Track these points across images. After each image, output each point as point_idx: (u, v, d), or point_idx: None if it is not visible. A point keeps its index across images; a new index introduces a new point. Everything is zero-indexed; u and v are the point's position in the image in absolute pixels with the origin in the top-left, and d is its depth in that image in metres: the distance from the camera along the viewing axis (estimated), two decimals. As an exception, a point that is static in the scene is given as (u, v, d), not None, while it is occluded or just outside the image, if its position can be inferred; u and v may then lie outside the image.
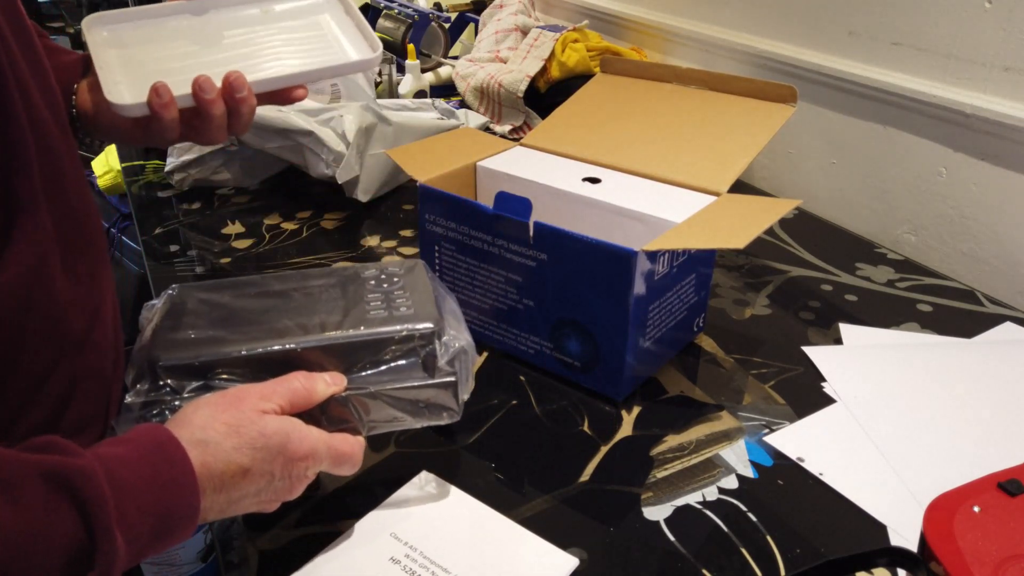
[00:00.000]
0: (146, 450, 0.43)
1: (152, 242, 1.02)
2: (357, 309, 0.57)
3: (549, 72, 1.39)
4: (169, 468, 0.43)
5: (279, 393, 0.50)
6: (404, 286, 0.60)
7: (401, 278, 0.62)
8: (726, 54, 1.30)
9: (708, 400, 0.74)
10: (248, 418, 0.47)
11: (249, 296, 0.60)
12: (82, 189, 0.58)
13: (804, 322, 0.86)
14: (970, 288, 0.94)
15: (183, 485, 0.44)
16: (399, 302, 0.58)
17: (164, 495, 0.43)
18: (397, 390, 0.55)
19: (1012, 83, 0.90)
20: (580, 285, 0.69)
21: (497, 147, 0.89)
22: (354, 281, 0.62)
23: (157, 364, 0.52)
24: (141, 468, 0.42)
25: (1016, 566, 0.42)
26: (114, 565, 0.40)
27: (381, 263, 0.64)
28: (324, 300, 0.59)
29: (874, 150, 1.09)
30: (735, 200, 0.75)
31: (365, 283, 0.61)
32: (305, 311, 0.57)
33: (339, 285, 0.61)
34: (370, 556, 0.55)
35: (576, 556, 0.56)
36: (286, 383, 0.51)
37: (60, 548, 0.38)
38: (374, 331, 0.55)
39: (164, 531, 0.43)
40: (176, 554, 1.43)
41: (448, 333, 0.56)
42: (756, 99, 0.87)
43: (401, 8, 1.63)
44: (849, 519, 0.60)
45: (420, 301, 0.58)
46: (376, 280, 0.61)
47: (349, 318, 0.56)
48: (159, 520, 0.42)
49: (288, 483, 0.50)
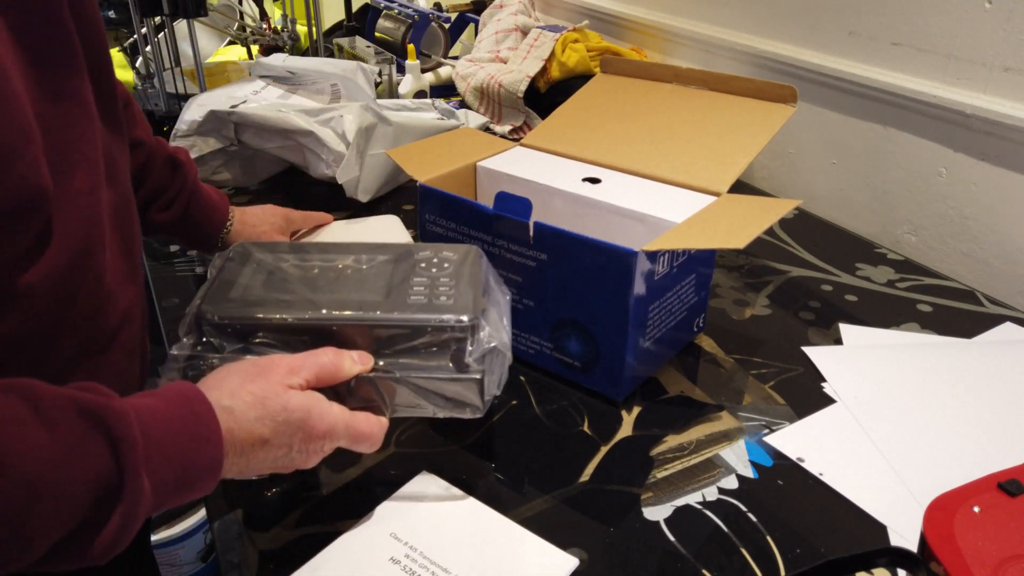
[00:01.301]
0: (176, 404, 0.45)
1: (152, 242, 1.02)
2: (399, 291, 0.57)
3: (549, 72, 1.39)
4: (195, 423, 0.45)
5: (307, 368, 0.51)
6: (453, 273, 0.59)
7: (452, 264, 0.61)
8: (726, 54, 1.30)
9: (708, 400, 0.74)
10: (274, 391, 0.49)
11: (305, 263, 0.60)
12: (129, 191, 0.59)
13: (804, 322, 0.86)
14: (970, 288, 0.94)
15: (208, 440, 0.45)
16: (442, 290, 0.57)
17: (189, 448, 0.44)
18: (422, 379, 0.54)
19: (1012, 83, 0.90)
20: (580, 285, 0.69)
21: (497, 147, 0.89)
22: (406, 260, 0.61)
23: (203, 319, 0.54)
24: (170, 420, 0.44)
25: (1016, 566, 0.42)
26: (139, 506, 0.41)
27: (438, 245, 0.63)
28: (371, 277, 0.58)
29: (874, 150, 1.09)
30: (735, 200, 0.75)
31: (416, 264, 0.60)
32: (351, 285, 0.57)
33: (392, 262, 0.60)
34: (370, 556, 0.55)
35: (576, 556, 0.56)
36: (314, 357, 0.52)
37: (90, 480, 0.39)
38: (409, 317, 0.54)
39: (187, 482, 0.44)
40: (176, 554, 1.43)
41: (484, 330, 0.55)
42: (756, 99, 0.87)
43: (401, 8, 1.63)
44: (849, 519, 0.60)
45: (463, 292, 0.57)
46: (427, 263, 0.60)
47: (389, 299, 0.56)
48: (183, 471, 0.44)
49: (304, 456, 0.51)
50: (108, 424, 0.40)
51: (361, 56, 1.51)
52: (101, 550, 0.41)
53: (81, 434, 0.40)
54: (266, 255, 0.61)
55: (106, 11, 1.47)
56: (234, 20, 1.69)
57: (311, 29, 1.61)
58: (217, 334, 0.54)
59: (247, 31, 1.70)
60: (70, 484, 0.39)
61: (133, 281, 0.59)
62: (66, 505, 0.39)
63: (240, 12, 1.72)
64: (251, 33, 1.70)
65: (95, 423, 0.40)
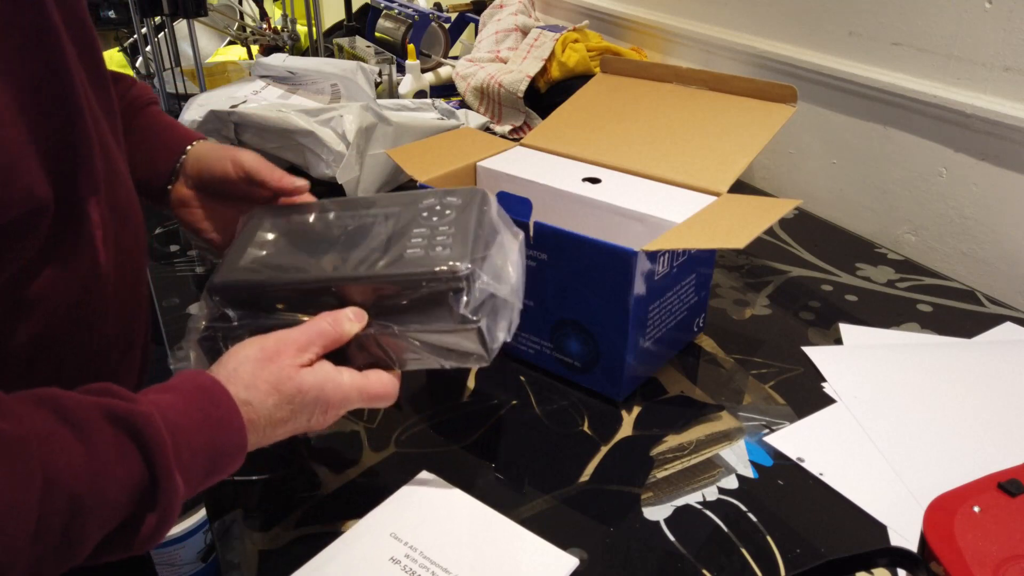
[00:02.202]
0: (196, 398, 0.47)
1: (152, 242, 1.02)
2: (398, 245, 0.56)
3: (549, 72, 1.39)
4: (215, 409, 0.47)
5: (312, 341, 0.52)
6: (454, 220, 0.57)
7: (455, 210, 0.58)
8: (726, 54, 1.30)
9: (708, 400, 0.74)
10: (287, 374, 0.50)
11: (315, 223, 0.61)
12: (132, 194, 0.58)
13: (804, 322, 0.86)
14: (970, 288, 0.94)
15: (230, 425, 0.47)
16: (439, 239, 0.55)
17: (214, 438, 0.46)
18: (421, 332, 0.54)
19: (1012, 83, 0.90)
20: (580, 285, 0.69)
21: (497, 147, 0.89)
22: (409, 209, 0.60)
23: (212, 288, 0.56)
24: (193, 415, 0.46)
25: (1016, 566, 0.42)
26: (174, 501, 0.43)
27: (443, 191, 0.61)
28: (374, 233, 0.58)
29: (874, 150, 1.09)
30: (735, 200, 0.75)
31: (419, 214, 0.59)
32: (354, 243, 0.57)
33: (395, 215, 0.60)
34: (370, 556, 0.55)
35: (576, 556, 0.56)
36: (315, 327, 0.53)
37: (126, 485, 0.41)
38: (401, 271, 0.54)
39: (215, 469, 0.46)
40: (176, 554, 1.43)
41: (482, 278, 0.54)
42: (756, 99, 0.87)
43: (401, 8, 1.63)
44: (849, 519, 0.60)
45: (459, 240, 0.55)
46: (429, 211, 0.59)
47: (387, 255, 0.55)
48: (210, 460, 0.46)
49: (322, 420, 0.53)
50: (137, 429, 0.42)
51: (361, 56, 1.51)
52: (141, 544, 0.43)
53: (114, 443, 0.41)
54: (280, 219, 0.62)
55: (106, 11, 1.47)
56: (234, 20, 1.69)
57: (311, 29, 1.61)
58: (227, 303, 0.55)
59: (247, 31, 1.70)
60: (109, 492, 0.40)
61: (138, 281, 0.59)
62: (107, 511, 0.41)
63: (240, 12, 1.72)
64: (251, 33, 1.70)
65: (125, 429, 0.42)
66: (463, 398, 0.73)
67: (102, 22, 1.48)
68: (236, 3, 1.71)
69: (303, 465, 0.65)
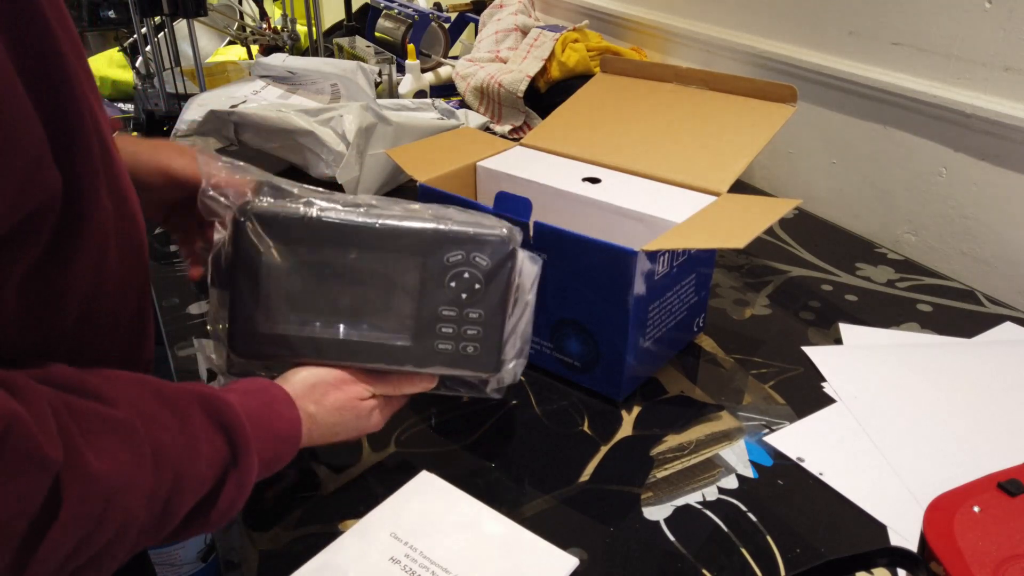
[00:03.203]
0: (261, 396, 0.53)
1: (152, 242, 1.02)
2: (428, 331, 0.57)
3: (549, 72, 1.39)
4: (278, 409, 0.53)
5: (375, 385, 0.59)
6: (483, 299, 0.57)
7: (485, 279, 0.57)
8: (726, 54, 1.30)
9: (708, 400, 0.74)
10: (352, 404, 0.58)
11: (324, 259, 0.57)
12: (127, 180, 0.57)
13: (804, 322, 0.86)
14: (970, 288, 0.94)
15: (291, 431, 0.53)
16: (470, 332, 0.58)
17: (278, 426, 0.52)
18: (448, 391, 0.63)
19: (1012, 83, 0.90)
20: (580, 285, 0.69)
21: (497, 147, 0.89)
22: (433, 262, 0.57)
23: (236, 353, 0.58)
24: (260, 407, 0.52)
25: (1016, 566, 0.42)
26: (249, 478, 0.49)
27: (470, 238, 0.57)
28: (398, 300, 0.57)
29: (874, 150, 1.09)
30: (735, 200, 0.75)
31: (446, 279, 0.57)
32: (376, 313, 0.57)
33: (419, 268, 0.57)
34: (370, 556, 0.55)
35: (576, 556, 0.56)
36: (384, 380, 0.60)
37: (213, 463, 0.47)
38: (436, 370, 0.59)
39: (277, 457, 0.52)
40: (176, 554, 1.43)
41: (505, 368, 0.60)
42: (756, 99, 0.87)
43: (401, 8, 1.63)
44: (849, 519, 0.60)
45: (490, 334, 0.58)
46: (457, 279, 0.57)
47: (417, 345, 0.58)
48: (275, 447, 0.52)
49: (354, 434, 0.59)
50: (220, 412, 0.48)
51: (361, 56, 1.51)
52: (218, 517, 0.47)
53: (202, 424, 0.46)
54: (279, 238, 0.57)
55: (106, 11, 1.47)
56: (234, 20, 1.69)
57: (311, 29, 1.61)
58: (249, 363, 0.59)
59: (247, 31, 1.70)
60: (199, 467, 0.45)
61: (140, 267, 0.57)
62: (197, 485, 0.46)
63: (240, 12, 1.72)
64: (251, 33, 1.70)
65: (211, 412, 0.47)
66: (463, 398, 0.73)
67: (102, 22, 1.48)
68: (236, 3, 1.71)
69: (303, 465, 0.65)
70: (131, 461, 0.42)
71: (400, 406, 0.63)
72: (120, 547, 0.42)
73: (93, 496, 0.40)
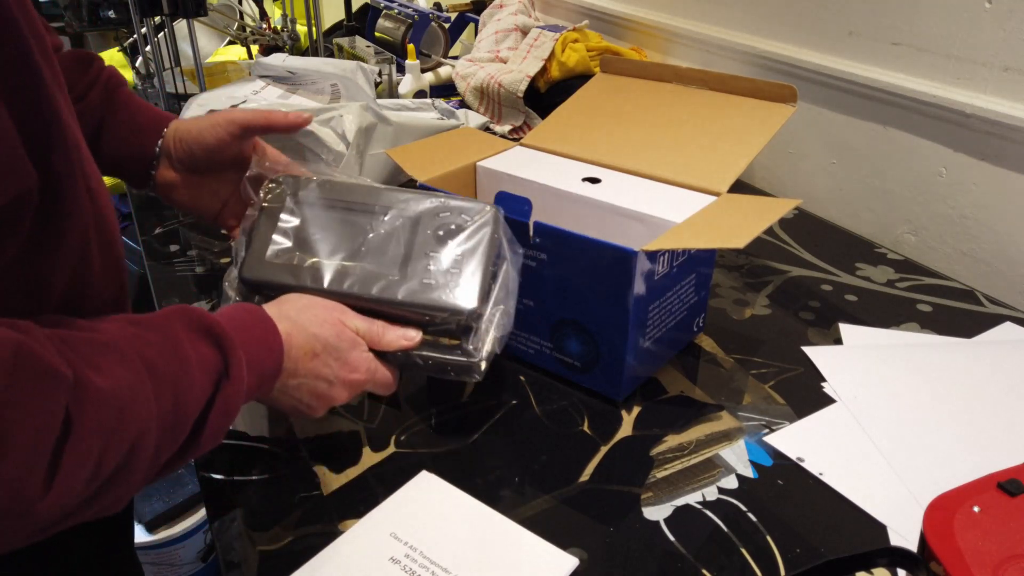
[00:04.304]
0: (239, 310, 0.54)
1: (152, 242, 1.02)
2: (417, 269, 0.62)
3: (549, 72, 1.39)
4: (261, 321, 0.54)
5: (362, 320, 0.60)
6: (470, 250, 0.63)
7: (470, 233, 0.64)
8: (726, 54, 1.30)
9: (708, 400, 0.74)
10: (332, 319, 0.58)
11: (336, 216, 0.65)
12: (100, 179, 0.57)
13: (804, 322, 0.86)
14: (970, 288, 0.94)
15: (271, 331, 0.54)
16: (455, 271, 0.62)
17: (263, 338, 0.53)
18: (429, 356, 0.63)
19: (1012, 83, 0.90)
20: (580, 285, 0.69)
21: (497, 147, 0.89)
22: (426, 221, 0.65)
23: (244, 281, 0.63)
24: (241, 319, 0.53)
25: (1016, 566, 0.42)
26: (243, 383, 0.50)
27: (457, 204, 0.65)
28: (392, 244, 0.64)
29: (874, 150, 1.09)
30: (735, 200, 0.75)
31: (435, 230, 0.64)
32: (373, 254, 0.63)
33: (411, 223, 0.65)
34: (370, 556, 0.55)
35: (576, 556, 0.56)
36: (367, 320, 0.61)
37: (206, 369, 0.48)
38: (419, 302, 0.61)
39: (258, 387, 0.53)
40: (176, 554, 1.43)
41: (487, 311, 0.62)
42: (756, 99, 0.87)
43: (401, 8, 1.63)
44: (849, 519, 0.60)
45: (474, 275, 0.62)
46: (445, 230, 0.64)
47: (407, 279, 0.62)
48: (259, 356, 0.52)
49: (339, 390, 0.59)
50: (206, 325, 0.49)
51: (361, 56, 1.51)
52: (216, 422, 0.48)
53: (190, 336, 0.48)
54: (302, 199, 0.66)
55: (106, 11, 1.47)
56: (234, 20, 1.69)
57: (311, 29, 1.61)
58: (253, 292, 0.63)
59: (247, 31, 1.70)
60: (194, 374, 0.47)
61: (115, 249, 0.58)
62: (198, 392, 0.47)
63: (240, 12, 1.72)
64: (251, 33, 1.70)
65: (196, 326, 0.49)
66: (463, 398, 0.73)
67: (102, 22, 1.48)
68: (236, 3, 1.71)
69: (303, 465, 0.65)
70: (129, 376, 0.43)
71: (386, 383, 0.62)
72: (141, 459, 0.44)
73: (105, 409, 0.41)
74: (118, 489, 0.43)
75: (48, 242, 0.48)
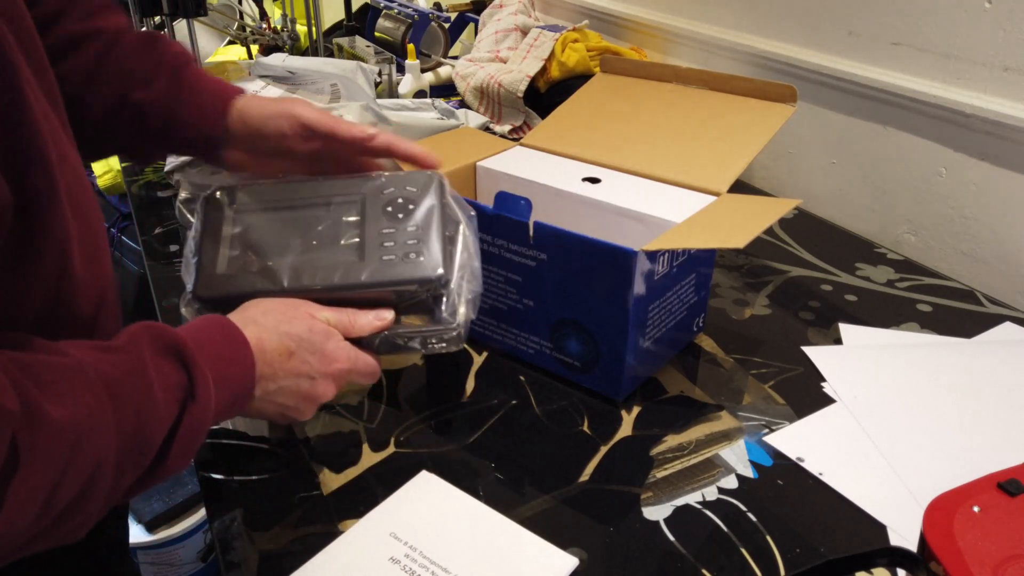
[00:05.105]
0: (206, 323, 0.53)
1: (152, 242, 1.02)
2: (373, 250, 0.61)
3: (549, 72, 1.39)
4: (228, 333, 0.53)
5: (331, 311, 0.59)
6: (420, 222, 0.63)
7: (417, 204, 0.63)
8: (726, 54, 1.30)
9: (708, 400, 0.74)
10: (300, 314, 0.57)
11: (279, 214, 0.64)
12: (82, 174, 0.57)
13: (804, 322, 0.86)
14: (970, 288, 0.94)
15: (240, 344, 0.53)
16: (411, 244, 0.61)
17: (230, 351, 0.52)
18: (406, 334, 0.62)
19: (1012, 83, 0.90)
20: (580, 285, 0.69)
21: (497, 147, 0.89)
22: (372, 202, 0.64)
23: (200, 299, 0.60)
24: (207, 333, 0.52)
25: (1016, 566, 0.42)
26: (210, 402, 0.49)
27: (399, 178, 0.65)
28: (343, 230, 0.62)
29: (874, 150, 1.09)
30: (735, 200, 0.75)
31: (383, 208, 0.63)
32: (326, 243, 0.62)
33: (357, 206, 0.64)
34: (370, 556, 0.55)
35: (576, 556, 0.56)
36: (337, 310, 0.59)
37: (171, 391, 0.47)
38: (382, 281, 0.60)
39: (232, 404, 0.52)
40: (176, 554, 1.42)
41: (455, 276, 0.61)
42: (756, 99, 0.87)
43: (401, 8, 1.63)
44: (849, 519, 0.60)
45: (431, 244, 0.61)
46: (393, 205, 0.63)
47: (365, 262, 0.60)
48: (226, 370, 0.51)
49: (323, 385, 0.58)
50: (173, 344, 0.48)
51: (361, 56, 1.51)
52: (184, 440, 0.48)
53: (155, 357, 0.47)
54: (240, 206, 0.64)
55: (106, 11, 1.47)
56: (234, 20, 1.69)
57: (311, 29, 1.61)
58: (214, 308, 0.60)
59: (247, 31, 1.70)
60: (157, 394, 0.46)
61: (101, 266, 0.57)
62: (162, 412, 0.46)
63: (240, 12, 1.72)
64: (251, 33, 1.70)
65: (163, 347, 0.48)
66: (463, 398, 0.73)
67: (102, 22, 1.47)
68: (236, 3, 1.71)
69: (303, 465, 0.65)
70: (91, 402, 0.42)
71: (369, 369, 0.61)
72: (100, 488, 0.43)
73: (56, 443, 0.40)
74: (75, 520, 0.43)
75: (24, 260, 0.47)
